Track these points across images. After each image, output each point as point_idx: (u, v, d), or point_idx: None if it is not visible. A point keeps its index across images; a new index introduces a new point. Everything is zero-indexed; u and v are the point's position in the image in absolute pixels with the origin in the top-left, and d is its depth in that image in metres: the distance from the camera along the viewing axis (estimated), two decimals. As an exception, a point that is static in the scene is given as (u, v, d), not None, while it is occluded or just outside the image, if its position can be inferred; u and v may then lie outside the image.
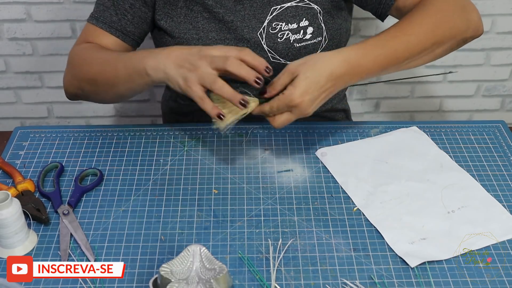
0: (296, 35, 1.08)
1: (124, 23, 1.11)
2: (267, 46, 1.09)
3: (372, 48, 0.94)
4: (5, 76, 1.93)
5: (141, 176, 1.04)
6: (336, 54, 0.92)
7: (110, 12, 1.10)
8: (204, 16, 1.10)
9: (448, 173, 1.04)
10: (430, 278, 0.86)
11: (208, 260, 0.82)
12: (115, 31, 1.11)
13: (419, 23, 0.96)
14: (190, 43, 1.10)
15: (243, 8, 1.09)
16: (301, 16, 1.08)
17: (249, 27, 1.10)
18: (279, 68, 1.08)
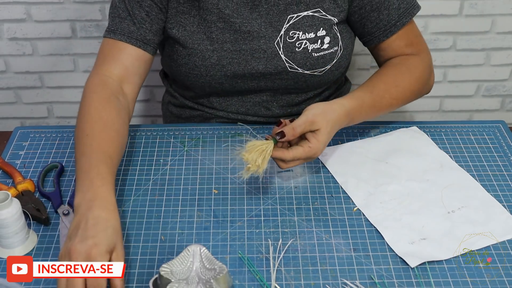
0: (314, 44, 1.08)
1: (143, 32, 1.06)
2: (284, 56, 1.08)
3: (366, 108, 1.05)
4: (5, 76, 1.93)
5: (141, 176, 1.04)
6: (342, 107, 1.00)
7: (127, 23, 1.06)
8: (218, 26, 1.08)
9: (448, 173, 1.04)
10: (430, 278, 0.86)
11: (208, 260, 0.82)
12: (136, 41, 1.06)
13: (403, 89, 1.10)
14: (204, 54, 1.08)
15: (260, 16, 1.08)
16: (318, 25, 1.08)
17: (266, 37, 1.08)
18: (297, 78, 1.10)
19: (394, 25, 1.10)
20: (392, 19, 1.10)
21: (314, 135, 0.95)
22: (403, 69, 1.11)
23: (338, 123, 0.99)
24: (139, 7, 1.06)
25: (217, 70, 1.09)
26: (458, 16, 1.82)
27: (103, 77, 1.05)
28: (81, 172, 0.89)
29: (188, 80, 1.13)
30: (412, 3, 1.11)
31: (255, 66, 1.09)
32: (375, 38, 1.13)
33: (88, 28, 1.80)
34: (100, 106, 0.99)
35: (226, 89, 1.13)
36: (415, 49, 1.14)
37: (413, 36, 1.14)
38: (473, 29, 1.85)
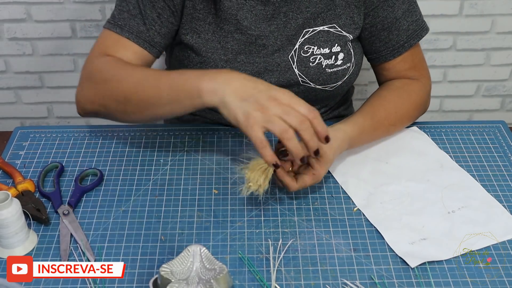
0: (328, 60, 1.07)
1: (152, 33, 1.03)
2: (298, 70, 1.08)
3: (366, 134, 1.06)
4: (5, 76, 1.93)
5: (141, 176, 1.04)
6: (344, 135, 1.01)
7: (137, 21, 1.03)
8: (234, 37, 1.06)
9: (448, 173, 1.04)
10: (430, 278, 0.86)
11: (208, 260, 0.82)
12: (143, 42, 1.03)
13: (401, 116, 1.10)
14: (217, 64, 1.06)
15: (277, 29, 1.06)
16: (333, 41, 1.07)
17: (280, 50, 1.07)
18: (308, 91, 1.09)
19: (402, 46, 1.10)
20: (401, 39, 1.10)
21: (318, 162, 0.95)
22: (404, 95, 1.11)
23: (340, 149, 1.00)
24: (151, 7, 1.03)
25: None
26: (458, 16, 1.82)
27: (112, 58, 1.02)
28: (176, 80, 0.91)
29: None
30: (421, 25, 1.11)
31: (268, 79, 1.08)
32: (382, 57, 1.12)
33: (88, 28, 1.81)
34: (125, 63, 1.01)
35: None
36: (417, 74, 1.14)
37: (417, 60, 1.14)
38: (473, 29, 1.86)
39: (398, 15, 1.07)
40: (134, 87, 0.95)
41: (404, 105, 1.10)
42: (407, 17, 1.08)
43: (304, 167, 0.97)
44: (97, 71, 1.01)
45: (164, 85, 0.92)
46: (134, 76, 0.96)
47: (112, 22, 1.04)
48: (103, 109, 1.02)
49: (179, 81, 0.91)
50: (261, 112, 0.83)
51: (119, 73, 0.98)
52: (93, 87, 1.01)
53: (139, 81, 0.95)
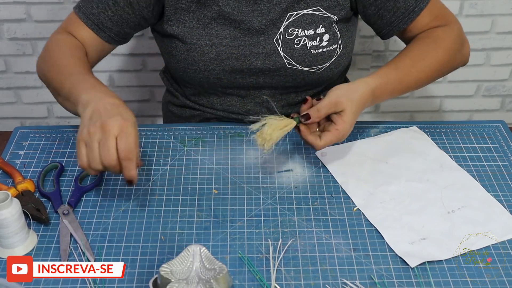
0: (313, 41, 1.08)
1: (102, 17, 1.09)
2: (283, 52, 1.09)
3: (392, 84, 1.04)
4: (5, 76, 1.93)
5: (141, 176, 1.04)
6: (366, 86, 1.01)
7: (92, 4, 1.09)
8: (218, 23, 1.08)
9: (448, 173, 1.04)
10: (430, 278, 0.86)
11: (208, 260, 0.82)
12: (91, 23, 1.09)
13: (430, 62, 1.08)
14: (203, 49, 1.08)
15: (261, 13, 1.08)
16: (318, 23, 1.08)
17: (265, 34, 1.08)
18: (296, 75, 1.10)
19: (412, 11, 1.09)
20: (409, 5, 1.08)
21: (340, 116, 0.97)
22: (429, 41, 1.09)
23: (362, 101, 0.99)
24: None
25: (215, 65, 1.10)
26: (458, 16, 1.82)
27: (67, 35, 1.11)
28: (75, 83, 0.98)
29: (187, 75, 1.13)
30: None
31: (254, 61, 1.10)
32: (395, 27, 1.11)
33: (88, 28, 1.80)
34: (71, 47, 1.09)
35: (224, 84, 1.13)
36: (442, 21, 1.11)
37: (437, 10, 1.11)
38: (473, 29, 1.85)
39: None
40: (54, 74, 1.04)
41: (431, 51, 1.08)
42: None
43: (328, 124, 0.98)
44: (50, 45, 1.11)
45: (67, 83, 1.00)
46: (61, 64, 1.05)
47: (77, 3, 1.12)
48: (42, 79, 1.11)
49: (76, 86, 0.98)
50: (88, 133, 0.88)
51: (56, 57, 1.07)
52: (42, 60, 1.11)
53: (60, 70, 1.03)
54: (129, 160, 0.87)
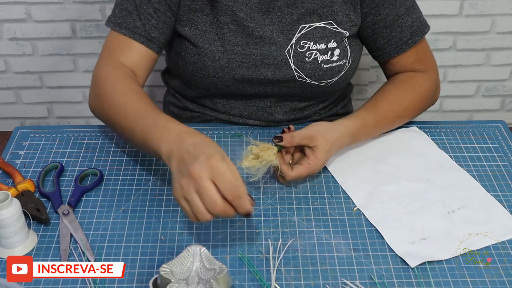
0: (324, 56, 1.08)
1: (148, 28, 1.04)
2: (294, 65, 1.08)
3: (370, 127, 1.07)
4: (5, 76, 1.93)
5: (141, 176, 1.04)
6: (345, 129, 1.03)
7: (133, 18, 1.04)
8: (231, 29, 1.07)
9: (448, 173, 1.04)
10: (430, 278, 0.86)
11: (208, 260, 0.82)
12: (139, 37, 1.04)
13: (406, 107, 1.11)
14: (214, 55, 1.07)
15: (272, 22, 1.07)
16: (329, 37, 1.07)
17: (277, 44, 1.08)
18: (304, 87, 1.10)
19: (405, 43, 1.11)
20: (404, 36, 1.10)
21: (313, 152, 0.99)
22: (409, 87, 1.12)
23: (338, 143, 1.02)
24: (147, 2, 1.04)
25: (225, 72, 1.08)
26: (458, 16, 1.82)
27: (115, 64, 1.04)
28: (147, 129, 0.91)
29: (194, 78, 1.12)
30: (423, 22, 1.12)
31: (264, 72, 1.09)
32: (386, 54, 1.13)
33: (88, 28, 1.81)
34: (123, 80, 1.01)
35: (232, 92, 1.13)
36: (423, 66, 1.14)
37: (422, 53, 1.14)
38: (473, 29, 1.85)
39: (401, 12, 1.08)
40: (118, 118, 0.98)
41: (409, 97, 1.11)
42: (410, 14, 1.09)
43: (302, 158, 1.00)
44: (101, 83, 1.03)
45: (138, 130, 0.93)
46: (121, 106, 0.98)
47: (113, 21, 1.06)
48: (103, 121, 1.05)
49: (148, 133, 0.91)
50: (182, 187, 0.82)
51: (112, 97, 1.00)
52: (96, 98, 1.04)
53: (123, 114, 0.97)
54: (239, 199, 0.81)
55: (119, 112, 0.97)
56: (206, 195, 0.79)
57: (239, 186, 0.80)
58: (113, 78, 1.02)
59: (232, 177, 0.80)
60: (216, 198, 0.79)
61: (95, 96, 1.04)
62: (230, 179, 0.80)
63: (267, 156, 0.94)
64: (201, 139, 0.85)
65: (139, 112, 0.95)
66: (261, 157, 0.94)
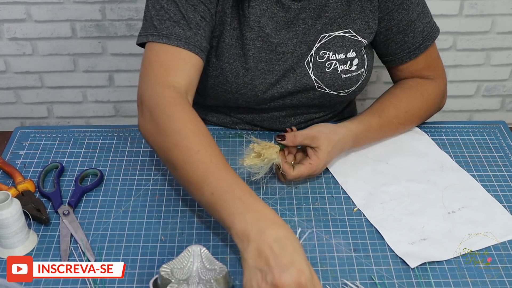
0: (344, 65, 1.07)
1: (199, 38, 0.95)
2: (314, 75, 1.07)
3: (374, 132, 1.07)
4: (5, 76, 1.93)
5: (141, 176, 1.04)
6: (348, 132, 1.03)
7: (182, 27, 0.94)
8: (256, 45, 1.04)
9: (449, 174, 1.04)
10: (430, 279, 0.86)
11: (208, 261, 0.82)
12: (194, 47, 0.94)
13: (412, 115, 1.11)
14: (238, 72, 1.04)
15: (296, 35, 1.05)
16: (348, 47, 1.07)
17: (298, 56, 1.06)
18: (323, 97, 1.09)
19: (418, 48, 1.10)
20: (416, 41, 1.09)
21: (315, 152, 0.98)
22: (417, 94, 1.11)
23: (341, 145, 1.01)
24: (193, 11, 0.96)
25: (248, 89, 1.06)
26: (458, 16, 1.82)
27: (175, 89, 0.92)
28: (219, 194, 0.81)
29: (214, 92, 1.08)
30: (434, 26, 1.11)
31: (285, 85, 1.07)
32: (398, 60, 1.12)
33: (88, 28, 1.81)
34: (192, 117, 0.89)
35: (251, 106, 1.11)
36: (432, 73, 1.14)
37: (432, 60, 1.13)
38: (473, 29, 1.86)
39: (413, 18, 1.07)
40: (183, 165, 0.85)
41: (416, 104, 1.11)
42: (422, 19, 1.08)
43: (304, 158, 1.00)
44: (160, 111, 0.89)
45: (207, 191, 0.82)
46: (190, 152, 0.85)
47: (155, 34, 0.95)
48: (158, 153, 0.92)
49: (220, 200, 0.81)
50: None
51: (180, 135, 0.87)
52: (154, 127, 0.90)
53: (190, 162, 0.85)
54: None
55: (186, 159, 0.85)
56: None
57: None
58: (176, 110, 0.89)
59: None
60: None
61: (154, 125, 0.90)
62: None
63: (269, 154, 0.94)
64: (286, 235, 0.76)
65: (211, 167, 0.84)
66: (263, 155, 0.94)
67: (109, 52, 1.86)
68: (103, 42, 1.84)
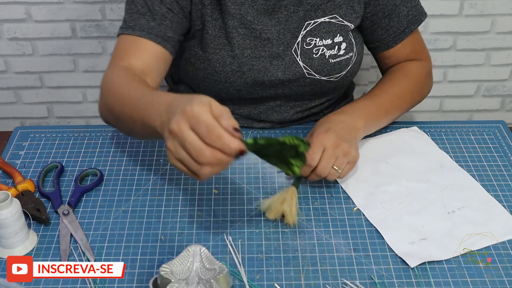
0: (331, 50, 1.08)
1: (163, 28, 1.01)
2: (302, 62, 1.08)
3: (373, 120, 1.08)
4: (5, 76, 1.93)
5: (141, 176, 1.04)
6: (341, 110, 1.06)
7: (146, 19, 1.01)
8: (239, 32, 1.06)
9: (449, 173, 1.04)
10: (430, 278, 0.86)
11: (208, 260, 0.82)
12: (155, 37, 1.00)
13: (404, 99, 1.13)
14: (225, 60, 1.06)
15: (279, 22, 1.07)
16: (335, 32, 1.07)
17: (284, 44, 1.07)
18: (314, 84, 1.10)
19: (403, 32, 1.12)
20: (401, 25, 1.11)
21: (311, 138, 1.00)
22: (401, 74, 1.14)
23: (338, 117, 1.04)
24: (160, 3, 1.01)
25: (237, 77, 1.08)
26: (458, 16, 1.82)
27: (123, 66, 0.99)
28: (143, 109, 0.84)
29: (205, 85, 1.10)
30: (420, 10, 1.13)
31: (274, 73, 1.08)
32: (384, 45, 1.14)
33: (88, 28, 1.80)
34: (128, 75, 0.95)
35: (243, 95, 1.12)
36: (417, 56, 1.16)
37: (418, 44, 1.16)
38: (473, 29, 1.85)
39: (397, 2, 1.09)
40: (121, 109, 0.92)
41: (403, 82, 1.13)
42: (406, 3, 1.10)
43: None
44: (106, 84, 0.98)
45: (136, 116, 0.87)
46: (123, 97, 0.92)
47: (124, 26, 1.03)
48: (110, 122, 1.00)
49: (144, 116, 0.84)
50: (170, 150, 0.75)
51: (116, 93, 0.94)
52: (102, 100, 0.99)
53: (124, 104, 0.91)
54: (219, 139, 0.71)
55: (122, 103, 0.91)
56: (189, 146, 0.71)
57: (214, 126, 0.70)
58: (117, 78, 0.97)
59: (206, 118, 0.70)
60: (199, 146, 0.71)
61: (101, 101, 0.99)
62: (204, 120, 0.70)
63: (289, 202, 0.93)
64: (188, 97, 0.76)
65: (137, 94, 0.88)
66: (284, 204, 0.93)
67: (109, 52, 1.86)
68: (103, 42, 1.83)
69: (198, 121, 0.70)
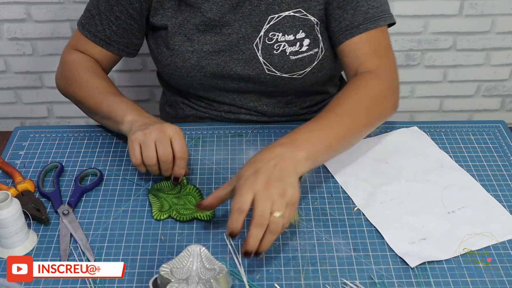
0: (293, 47, 1.07)
1: (108, 33, 1.10)
2: (262, 58, 1.08)
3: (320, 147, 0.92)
4: (5, 76, 1.93)
5: (141, 176, 1.04)
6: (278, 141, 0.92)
7: (95, 21, 1.10)
8: (199, 29, 1.08)
9: (449, 173, 1.04)
10: (430, 278, 0.86)
11: (208, 260, 0.82)
12: (99, 40, 1.11)
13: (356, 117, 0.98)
14: (185, 55, 1.09)
15: (242, 17, 1.07)
16: (298, 27, 1.06)
17: (245, 37, 1.08)
18: (276, 81, 1.10)
19: (356, 27, 1.03)
20: (356, 20, 1.03)
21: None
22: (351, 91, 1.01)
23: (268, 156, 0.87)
24: (110, 10, 1.08)
25: (196, 71, 1.10)
26: (458, 16, 1.82)
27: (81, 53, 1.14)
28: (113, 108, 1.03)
29: (173, 80, 1.16)
30: (384, 13, 1.05)
31: (234, 67, 1.09)
32: (336, 40, 1.06)
33: (88, 28, 1.80)
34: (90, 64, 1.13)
35: (207, 89, 1.15)
36: (377, 61, 1.04)
37: (380, 47, 1.05)
38: (473, 29, 1.86)
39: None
40: (86, 95, 1.09)
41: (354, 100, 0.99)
42: (369, 0, 1.03)
43: None
44: (68, 67, 1.14)
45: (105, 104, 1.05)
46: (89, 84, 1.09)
47: (80, 21, 1.13)
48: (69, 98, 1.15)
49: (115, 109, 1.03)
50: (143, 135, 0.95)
51: (80, 78, 1.10)
52: (63, 80, 1.14)
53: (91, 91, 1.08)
54: (182, 160, 0.95)
55: (87, 91, 1.08)
56: (163, 145, 0.94)
57: (186, 152, 0.95)
58: (79, 62, 1.12)
59: (185, 144, 0.95)
60: (170, 150, 0.94)
61: (63, 78, 1.14)
62: (184, 144, 0.95)
63: None
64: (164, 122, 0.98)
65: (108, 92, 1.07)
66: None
67: (109, 52, 1.86)
68: (103, 42, 1.84)
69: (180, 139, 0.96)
